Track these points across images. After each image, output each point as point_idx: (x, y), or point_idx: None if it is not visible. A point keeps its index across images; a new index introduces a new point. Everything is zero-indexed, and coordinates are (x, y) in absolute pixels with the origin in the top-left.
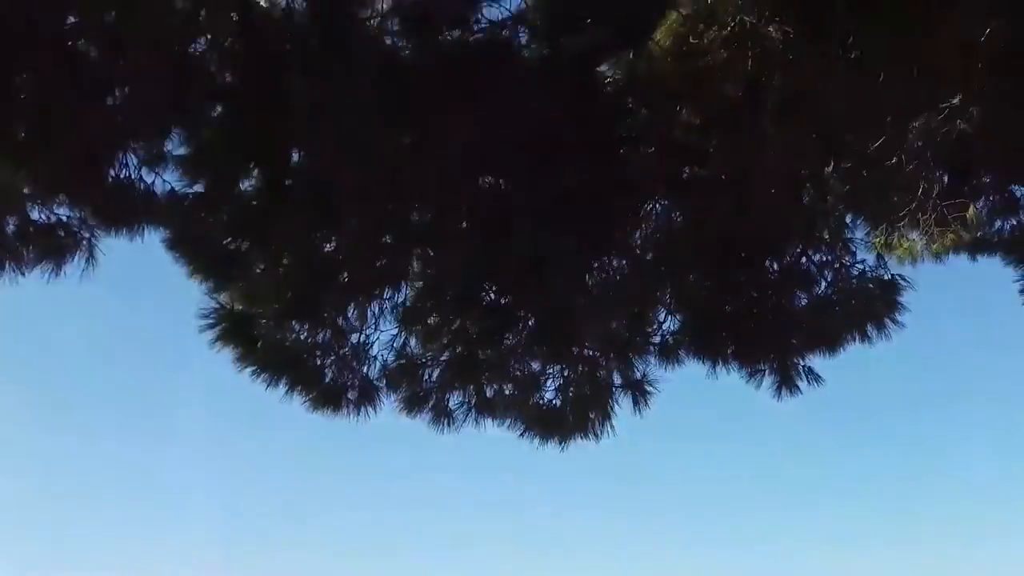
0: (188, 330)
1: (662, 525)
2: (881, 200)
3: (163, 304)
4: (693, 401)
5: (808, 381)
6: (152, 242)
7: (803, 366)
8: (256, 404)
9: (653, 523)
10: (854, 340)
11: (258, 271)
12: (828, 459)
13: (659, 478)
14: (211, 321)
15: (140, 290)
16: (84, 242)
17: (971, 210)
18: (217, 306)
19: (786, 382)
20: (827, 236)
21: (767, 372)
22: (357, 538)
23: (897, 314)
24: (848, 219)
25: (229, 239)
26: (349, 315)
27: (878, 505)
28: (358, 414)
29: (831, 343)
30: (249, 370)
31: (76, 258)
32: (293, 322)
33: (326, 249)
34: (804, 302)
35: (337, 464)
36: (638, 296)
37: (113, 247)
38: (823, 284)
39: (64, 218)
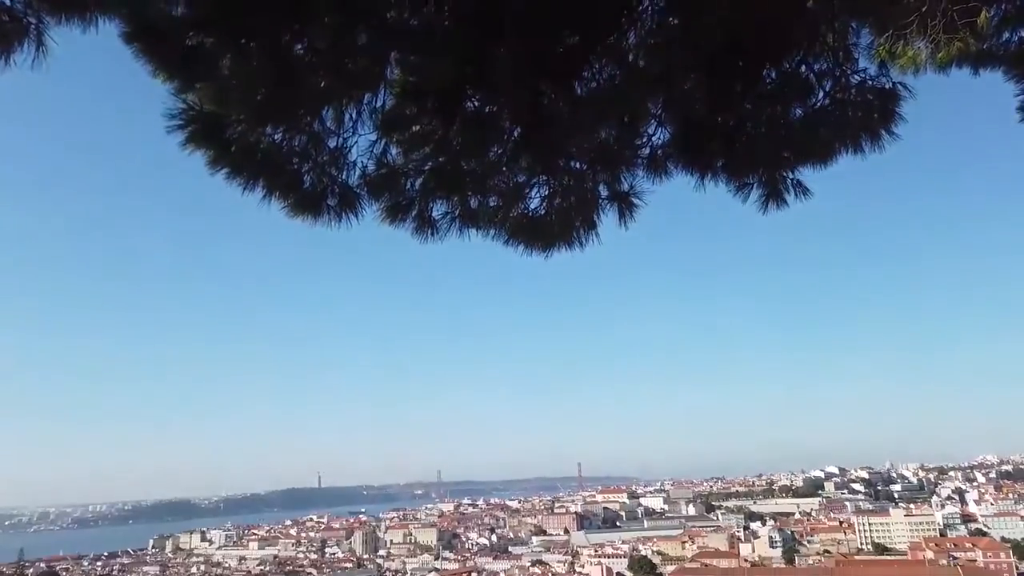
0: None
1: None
2: (890, 3)
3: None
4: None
5: (796, 194)
6: (111, 34)
7: (792, 179)
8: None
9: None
10: (846, 151)
11: (226, 71)
12: (818, 269)
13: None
14: (180, 122)
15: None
16: (32, 28)
17: (983, 15)
18: (185, 107)
19: (774, 195)
20: (831, 41)
21: (755, 185)
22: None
23: (893, 125)
24: (853, 26)
25: (192, 34)
26: (324, 118)
27: (868, 313)
28: (339, 221)
29: (823, 155)
30: (223, 172)
31: (24, 46)
32: (267, 125)
33: (298, 49)
34: (800, 113)
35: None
36: (628, 106)
37: (70, 38)
38: (821, 95)
39: (7, 2)
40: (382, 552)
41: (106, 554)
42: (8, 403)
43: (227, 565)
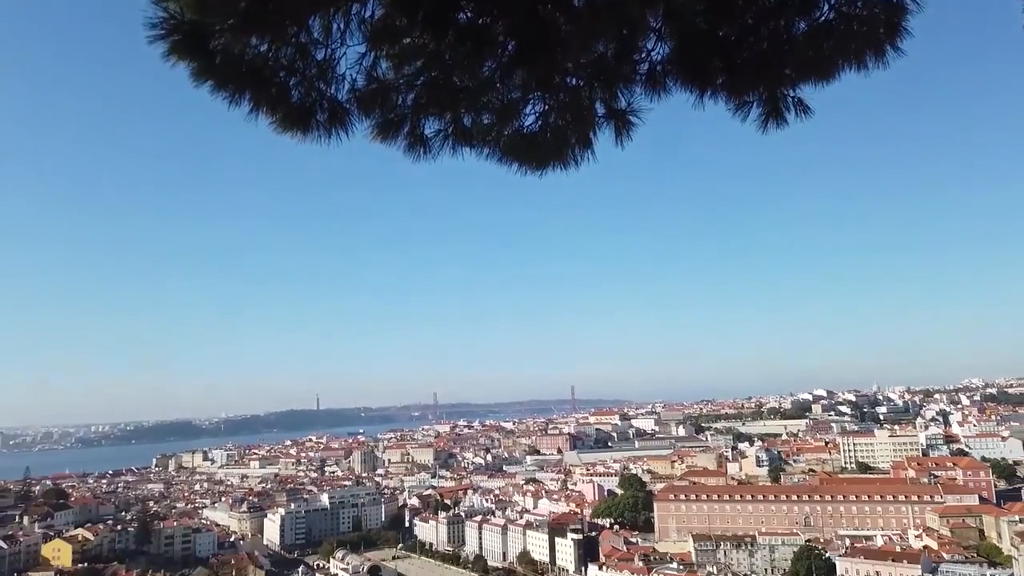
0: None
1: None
2: None
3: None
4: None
5: (796, 113)
6: None
7: (793, 97)
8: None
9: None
10: (849, 68)
11: None
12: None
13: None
14: (161, 32)
15: None
16: None
17: None
18: (166, 15)
19: (774, 113)
20: None
21: (755, 103)
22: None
23: (899, 40)
24: None
25: None
26: (312, 28)
27: (859, 238)
28: (328, 137)
29: (826, 71)
30: (208, 86)
31: None
32: (252, 35)
33: None
34: (803, 28)
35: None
36: (627, 18)
37: None
38: (825, 7)
39: None
40: (380, 471)
41: (111, 472)
42: (12, 326)
43: (229, 483)
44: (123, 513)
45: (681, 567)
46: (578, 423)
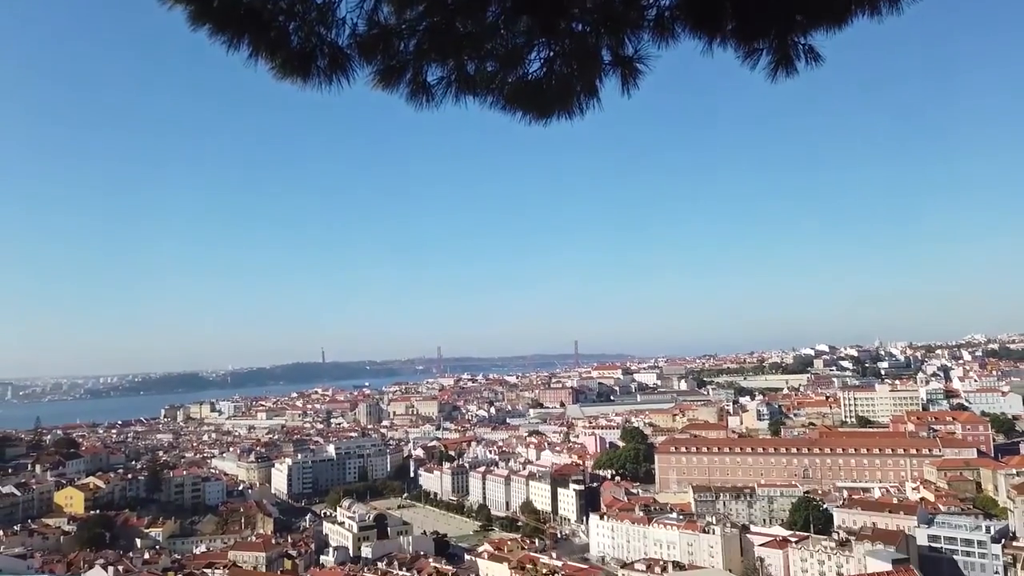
0: None
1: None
2: None
3: None
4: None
5: (807, 61)
6: None
7: (803, 44)
8: None
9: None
10: (863, 13)
11: None
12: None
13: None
14: None
15: None
16: None
17: None
18: None
19: (784, 61)
20: None
21: (764, 51)
22: None
23: None
24: None
25: None
26: None
27: (863, 192)
28: (329, 84)
29: (838, 16)
30: (206, 28)
31: None
32: None
33: None
34: None
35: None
36: None
37: None
38: None
39: None
40: (385, 423)
41: (120, 422)
42: (21, 277)
43: (237, 434)
44: (133, 462)
45: (681, 517)
46: (581, 377)
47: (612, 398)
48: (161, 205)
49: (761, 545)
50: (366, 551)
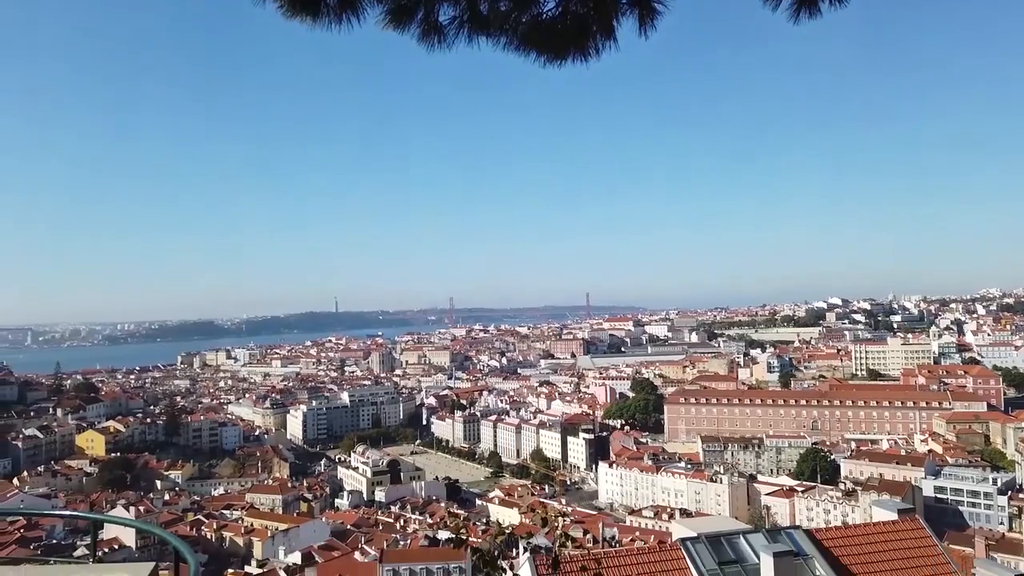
0: None
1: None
2: None
3: None
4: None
5: (831, 1)
6: None
7: None
8: None
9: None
10: None
11: None
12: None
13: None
14: None
15: None
16: None
17: None
18: None
19: (807, 2)
20: None
21: None
22: None
23: None
24: None
25: None
26: None
27: (881, 139)
28: (339, 22)
29: None
30: None
31: None
32: None
33: None
34: None
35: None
36: None
37: None
38: None
39: None
40: (398, 372)
41: (138, 368)
42: (40, 224)
43: (252, 381)
44: (151, 407)
45: (689, 466)
46: (592, 329)
47: (623, 350)
48: (177, 157)
49: (768, 494)
50: (380, 495)
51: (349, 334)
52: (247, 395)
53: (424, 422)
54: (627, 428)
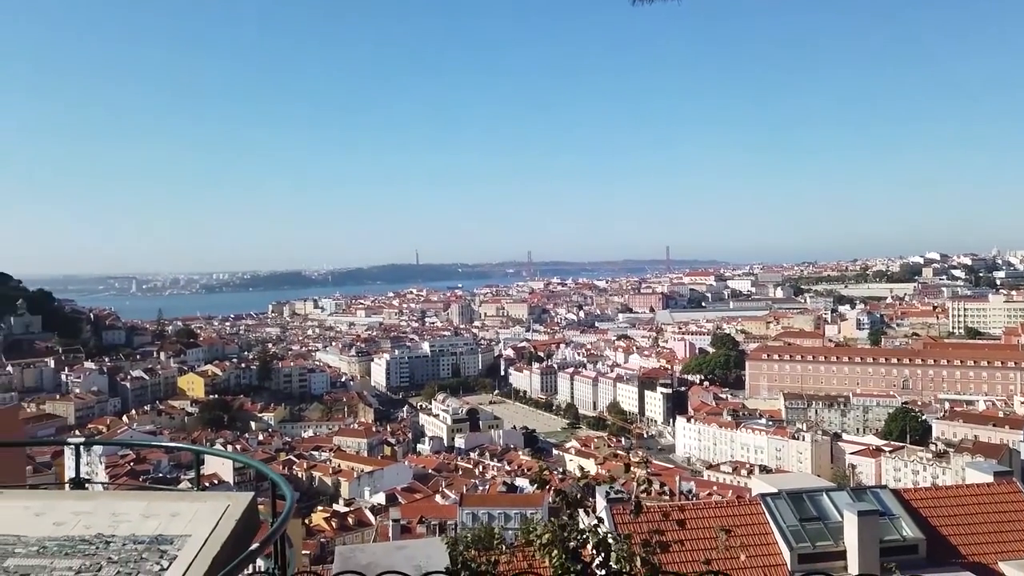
0: None
1: None
2: None
3: None
4: None
5: None
6: None
7: None
8: None
9: None
10: None
11: None
12: None
13: None
14: None
15: None
16: None
17: None
18: None
19: None
20: None
21: None
22: None
23: None
24: None
25: None
26: None
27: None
28: None
29: None
30: None
31: None
32: None
33: None
34: None
35: None
36: None
37: None
38: None
39: None
40: (477, 323)
41: (232, 316)
42: (139, 175)
43: (338, 329)
44: (245, 352)
45: (770, 423)
46: (672, 283)
47: (703, 305)
48: (268, 118)
49: (853, 453)
50: (459, 442)
51: (429, 286)
52: (333, 343)
53: (502, 373)
54: (706, 383)
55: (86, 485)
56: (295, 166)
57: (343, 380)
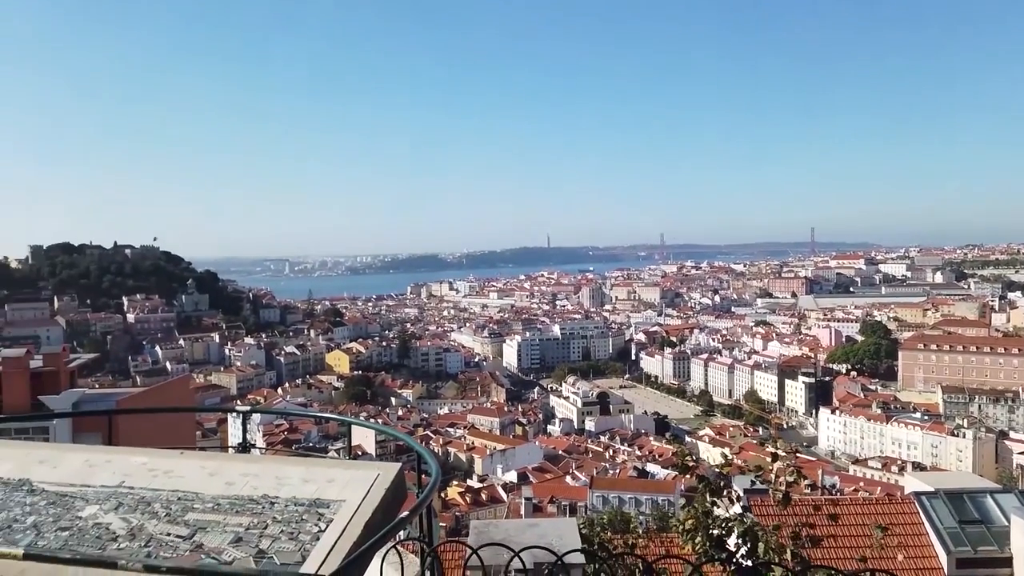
0: None
1: None
2: None
3: None
4: None
5: None
6: None
7: None
8: None
9: None
10: None
11: None
12: None
13: None
14: None
15: None
16: None
17: None
18: None
19: None
20: None
21: None
22: None
23: None
24: None
25: None
26: None
27: None
28: None
29: None
30: None
31: None
32: None
33: None
34: None
35: None
36: None
37: None
38: None
39: None
40: (608, 307)
41: (374, 296)
42: (297, 167)
43: (472, 311)
44: (386, 332)
45: (925, 417)
46: (816, 267)
47: (852, 290)
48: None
49: (1021, 453)
50: (589, 424)
51: (560, 269)
52: (467, 324)
53: (633, 357)
54: (853, 373)
55: (250, 450)
56: (437, 154)
57: (476, 360)
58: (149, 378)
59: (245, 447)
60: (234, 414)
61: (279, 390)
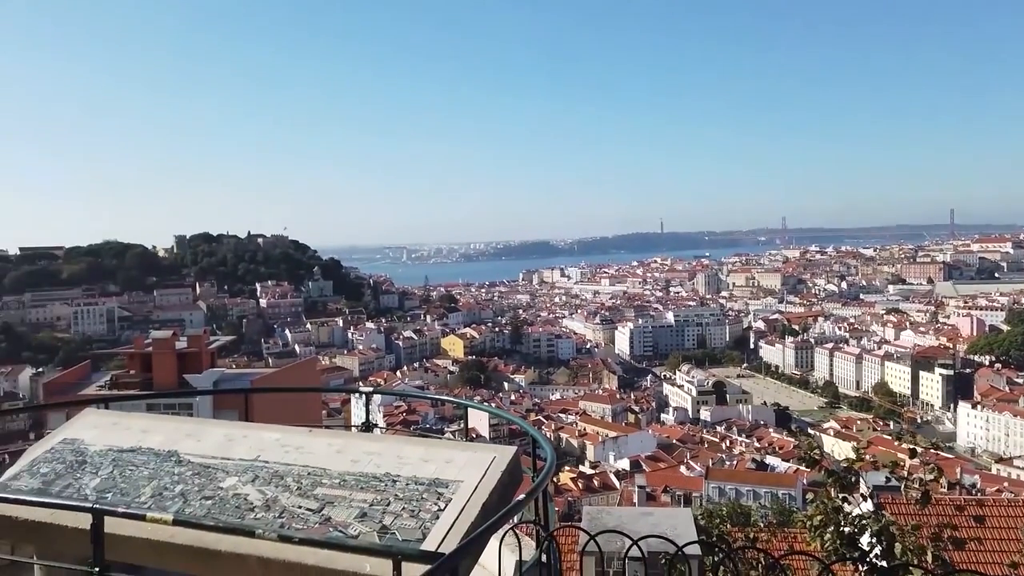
0: None
1: None
2: None
3: None
4: None
5: None
6: None
7: None
8: None
9: None
10: None
11: None
12: None
13: None
14: None
15: None
16: None
17: None
18: None
19: None
20: None
21: None
22: None
23: None
24: None
25: None
26: None
27: None
28: None
29: None
30: None
31: None
32: None
33: None
34: None
35: None
36: None
37: None
38: None
39: None
40: (724, 293)
41: (487, 283)
42: (414, 156)
43: (583, 297)
44: (499, 317)
45: None
46: (956, 251)
47: (997, 275)
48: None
49: None
50: (704, 414)
51: (674, 255)
52: (579, 311)
53: (751, 346)
54: (998, 365)
55: (372, 429)
56: (551, 142)
57: (588, 347)
58: (280, 359)
59: (368, 427)
60: (357, 395)
61: (398, 373)
